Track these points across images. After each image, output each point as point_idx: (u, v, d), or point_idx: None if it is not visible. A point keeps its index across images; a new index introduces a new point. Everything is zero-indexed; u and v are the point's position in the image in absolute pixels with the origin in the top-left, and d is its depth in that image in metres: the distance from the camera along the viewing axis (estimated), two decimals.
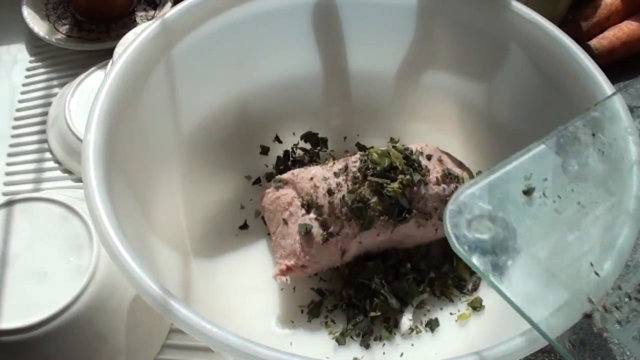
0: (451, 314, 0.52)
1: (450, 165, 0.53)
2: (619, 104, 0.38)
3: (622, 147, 0.37)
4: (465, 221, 0.32)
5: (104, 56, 0.68)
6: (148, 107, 0.46)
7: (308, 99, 0.58)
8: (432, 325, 0.51)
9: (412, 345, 0.50)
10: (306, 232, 0.48)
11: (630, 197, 0.35)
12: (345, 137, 0.61)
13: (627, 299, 0.32)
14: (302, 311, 0.51)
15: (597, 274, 0.32)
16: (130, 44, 0.45)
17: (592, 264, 0.32)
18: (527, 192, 0.34)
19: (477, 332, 0.50)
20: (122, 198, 0.40)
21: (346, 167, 0.50)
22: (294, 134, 0.60)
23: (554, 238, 0.33)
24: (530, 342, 0.33)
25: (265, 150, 0.60)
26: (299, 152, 0.60)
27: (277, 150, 0.60)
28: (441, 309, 0.52)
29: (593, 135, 0.36)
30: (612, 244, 0.33)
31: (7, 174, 0.65)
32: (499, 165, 0.35)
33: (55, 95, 0.71)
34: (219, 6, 0.49)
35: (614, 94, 0.39)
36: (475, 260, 0.32)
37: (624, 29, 0.68)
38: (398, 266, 0.52)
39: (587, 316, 0.31)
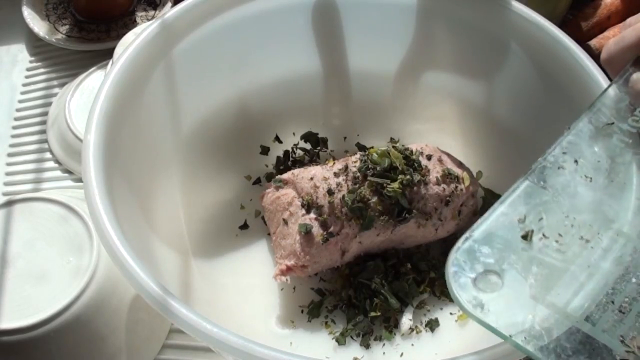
0: (451, 314, 0.52)
1: (450, 165, 0.53)
2: (588, 125, 0.36)
3: (608, 168, 0.35)
4: (470, 281, 0.30)
5: (104, 56, 0.68)
6: (148, 107, 0.46)
7: (308, 99, 0.58)
8: (432, 325, 0.51)
9: (412, 345, 0.50)
10: (306, 232, 0.48)
11: (630, 220, 0.33)
12: (345, 137, 0.61)
13: None
14: (302, 311, 0.51)
15: (621, 311, 0.30)
16: (130, 44, 0.45)
17: (613, 302, 0.30)
18: (526, 237, 0.32)
19: (477, 332, 0.50)
20: (122, 198, 0.40)
21: (346, 167, 0.50)
22: (294, 134, 0.60)
23: (565, 281, 0.31)
24: None
25: (265, 150, 0.60)
26: (299, 152, 0.60)
27: (277, 150, 0.60)
28: (441, 309, 0.52)
29: (575, 161, 0.34)
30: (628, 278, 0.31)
31: (7, 174, 0.65)
32: (488, 212, 0.33)
33: (55, 95, 0.71)
34: (219, 6, 0.49)
35: (584, 114, 0.37)
36: (495, 324, 0.30)
37: None
38: (398, 266, 0.52)
39: None
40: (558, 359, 0.29)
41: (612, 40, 0.36)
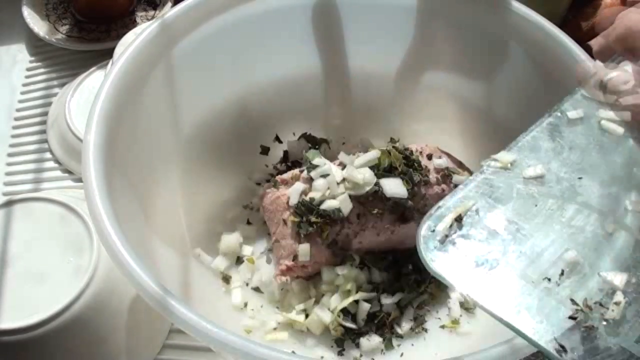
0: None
1: (450, 165, 0.53)
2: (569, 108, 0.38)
3: (583, 148, 0.37)
4: (439, 244, 0.33)
5: (104, 56, 0.68)
6: (148, 107, 0.46)
7: (308, 99, 0.58)
8: (433, 325, 0.51)
9: (412, 345, 0.50)
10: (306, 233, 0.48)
11: (596, 194, 0.35)
12: (345, 138, 0.61)
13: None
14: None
15: (577, 276, 0.32)
16: (130, 44, 0.45)
17: (569, 269, 0.33)
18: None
19: (477, 332, 0.50)
20: (122, 198, 0.40)
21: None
22: (294, 134, 0.60)
23: (529, 247, 0.33)
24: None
25: (265, 150, 0.59)
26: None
27: (277, 150, 0.60)
28: (442, 309, 0.52)
29: (553, 140, 0.37)
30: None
31: (7, 174, 0.65)
32: (462, 185, 0.36)
33: (55, 95, 0.71)
34: (219, 6, 0.49)
35: (566, 98, 0.39)
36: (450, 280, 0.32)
37: None
38: (398, 266, 0.52)
39: (573, 318, 0.31)
40: (512, 314, 0.31)
41: (602, 32, 0.37)
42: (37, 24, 0.75)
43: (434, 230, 0.33)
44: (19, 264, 0.47)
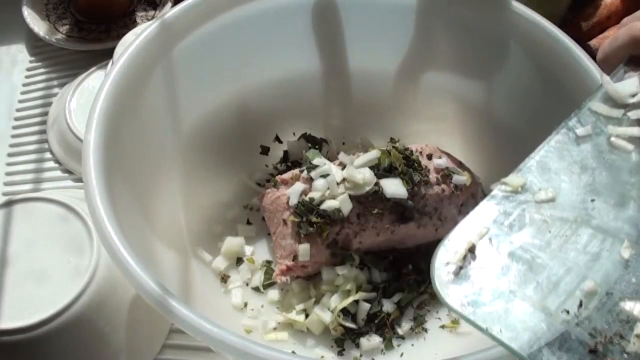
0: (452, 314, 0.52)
1: (450, 165, 0.53)
2: (577, 124, 0.37)
3: (593, 167, 0.36)
4: (452, 276, 0.32)
5: (104, 56, 0.68)
6: (148, 107, 0.46)
7: (308, 99, 0.58)
8: (433, 325, 0.51)
9: (412, 345, 0.50)
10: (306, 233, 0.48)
11: (612, 216, 0.34)
12: (345, 138, 0.61)
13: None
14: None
15: (597, 308, 0.31)
16: (130, 44, 0.45)
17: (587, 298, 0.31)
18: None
19: (477, 332, 0.50)
20: (122, 198, 0.40)
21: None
22: (294, 134, 0.60)
23: (544, 276, 0.32)
24: None
25: (265, 150, 0.59)
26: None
27: (277, 150, 0.60)
28: (442, 309, 0.52)
29: (561, 160, 0.36)
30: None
31: (7, 174, 0.65)
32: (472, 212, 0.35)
33: (55, 95, 0.71)
34: (219, 6, 0.49)
35: (574, 113, 0.37)
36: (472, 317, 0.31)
37: None
38: (398, 266, 0.52)
39: (593, 352, 0.29)
40: (530, 349, 0.30)
41: (607, 40, 0.37)
42: (37, 24, 0.75)
43: (448, 263, 0.32)
44: (19, 264, 0.47)
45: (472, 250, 0.33)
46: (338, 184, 0.49)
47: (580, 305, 0.31)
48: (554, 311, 0.31)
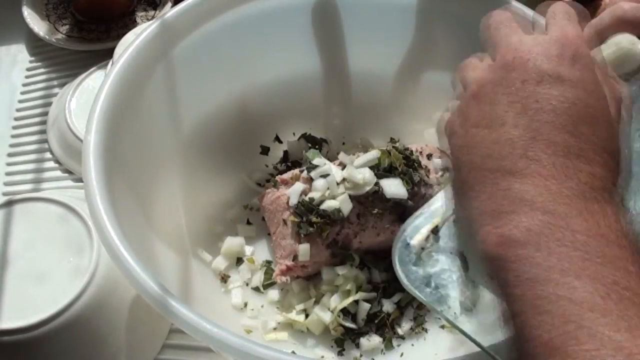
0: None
1: (450, 165, 0.53)
2: None
3: None
4: (414, 257, 0.32)
5: (104, 56, 0.68)
6: (148, 107, 0.46)
7: (308, 99, 0.58)
8: (433, 325, 0.51)
9: (412, 345, 0.50)
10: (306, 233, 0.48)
11: None
12: (345, 138, 0.61)
13: None
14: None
15: None
16: (130, 44, 0.45)
17: None
18: None
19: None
20: (122, 198, 0.40)
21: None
22: (294, 134, 0.60)
23: None
24: None
25: (265, 150, 0.59)
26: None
27: (277, 150, 0.60)
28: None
29: None
30: None
31: (7, 174, 0.65)
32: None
33: (55, 95, 0.71)
34: (219, 6, 0.49)
35: None
36: (425, 297, 0.31)
37: None
38: None
39: None
40: (485, 334, 0.30)
41: (593, 20, 0.37)
42: (37, 24, 0.75)
43: (409, 244, 0.32)
44: (19, 264, 0.47)
45: (435, 231, 0.33)
46: (338, 184, 0.49)
47: None
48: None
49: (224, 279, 0.53)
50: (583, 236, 0.26)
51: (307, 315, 0.51)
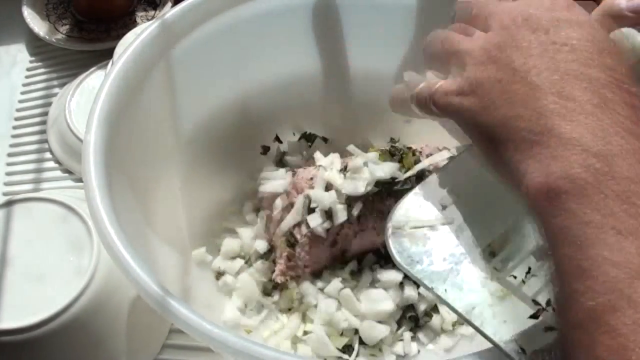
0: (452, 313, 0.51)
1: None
2: None
3: None
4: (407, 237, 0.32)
5: (104, 56, 0.68)
6: (148, 107, 0.46)
7: (308, 99, 0.58)
8: (433, 325, 0.51)
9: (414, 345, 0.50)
10: None
11: None
12: (345, 137, 0.61)
13: None
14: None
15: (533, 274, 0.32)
16: (130, 44, 0.45)
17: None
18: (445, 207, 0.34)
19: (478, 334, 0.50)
20: (122, 198, 0.40)
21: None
22: (294, 134, 0.60)
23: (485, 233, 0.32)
24: None
25: (265, 150, 0.59)
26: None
27: (277, 151, 0.60)
28: (442, 308, 0.52)
29: None
30: None
31: (7, 174, 0.65)
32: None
33: (55, 95, 0.71)
34: (219, 6, 0.49)
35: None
36: (416, 274, 0.31)
37: None
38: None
39: (534, 317, 0.30)
40: (473, 311, 0.30)
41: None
42: (37, 24, 0.75)
43: (401, 221, 0.32)
44: (19, 264, 0.47)
45: (428, 209, 0.33)
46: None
47: (529, 271, 0.31)
48: (501, 275, 0.31)
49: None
50: (635, 185, 0.24)
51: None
